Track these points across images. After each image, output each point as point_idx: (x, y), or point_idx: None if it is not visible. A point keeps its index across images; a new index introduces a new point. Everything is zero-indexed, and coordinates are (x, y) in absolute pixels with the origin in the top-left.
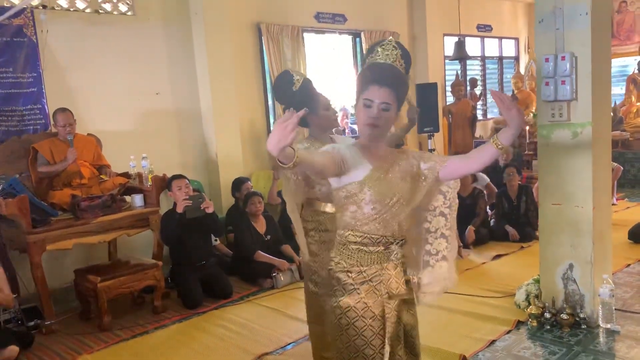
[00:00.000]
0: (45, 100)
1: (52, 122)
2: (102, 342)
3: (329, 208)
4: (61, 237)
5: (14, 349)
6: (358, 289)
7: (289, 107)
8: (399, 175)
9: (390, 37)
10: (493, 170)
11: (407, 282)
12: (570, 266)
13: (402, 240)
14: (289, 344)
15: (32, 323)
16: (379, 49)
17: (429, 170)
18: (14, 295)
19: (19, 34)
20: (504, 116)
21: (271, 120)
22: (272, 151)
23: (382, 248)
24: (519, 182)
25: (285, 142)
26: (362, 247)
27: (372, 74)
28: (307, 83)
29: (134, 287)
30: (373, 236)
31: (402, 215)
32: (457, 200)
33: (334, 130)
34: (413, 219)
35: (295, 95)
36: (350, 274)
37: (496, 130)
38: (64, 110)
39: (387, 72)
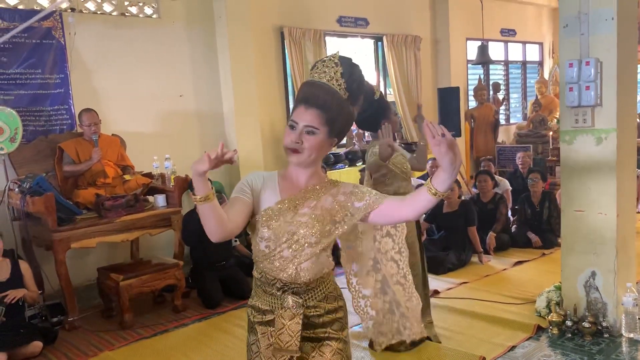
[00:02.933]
0: (71, 101)
1: (77, 122)
2: (123, 340)
3: None
4: (85, 235)
5: (37, 345)
6: (255, 328)
7: (367, 113)
8: (313, 213)
9: (336, 52)
10: (513, 175)
11: (315, 339)
12: (593, 274)
13: (301, 287)
14: None
15: (55, 319)
16: (319, 65)
17: (359, 209)
18: (39, 292)
19: (47, 36)
20: (434, 154)
21: None
22: (194, 171)
23: (276, 291)
24: (543, 188)
25: (204, 166)
26: (261, 286)
27: (302, 93)
28: (381, 93)
29: (155, 286)
30: (268, 276)
31: (304, 258)
32: (406, 246)
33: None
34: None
35: (374, 102)
36: (252, 311)
37: (518, 135)
38: (89, 110)
39: (317, 92)
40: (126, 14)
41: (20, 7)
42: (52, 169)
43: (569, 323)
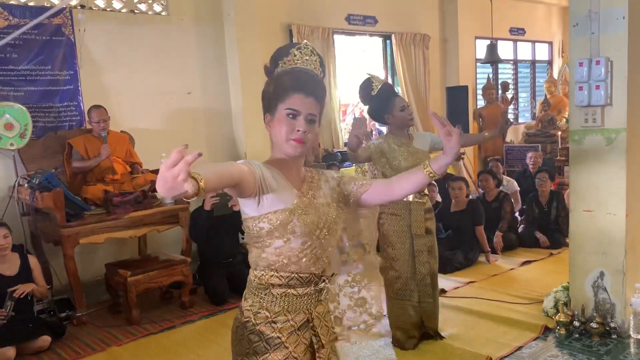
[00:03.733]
0: (80, 98)
1: (87, 118)
2: (131, 335)
3: None
4: (93, 231)
5: (46, 339)
6: (285, 342)
7: (370, 108)
8: (325, 201)
9: (306, 42)
10: (522, 175)
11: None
12: (601, 274)
13: (332, 276)
14: None
15: (64, 314)
16: (296, 52)
17: (350, 194)
18: (48, 287)
19: (57, 33)
20: (442, 142)
21: None
22: (166, 197)
23: (313, 288)
24: (550, 188)
25: (179, 191)
26: (288, 290)
27: (294, 80)
28: (385, 87)
29: (162, 282)
30: (302, 275)
31: (331, 247)
32: (377, 228)
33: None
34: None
35: (373, 98)
36: (275, 325)
37: (527, 135)
38: (98, 107)
39: (312, 80)
40: (135, 11)
41: (31, 3)
42: (61, 165)
43: (576, 323)
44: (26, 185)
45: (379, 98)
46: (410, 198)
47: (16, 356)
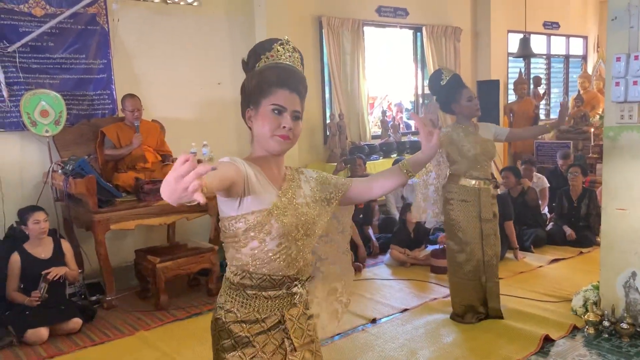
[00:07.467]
0: (113, 86)
1: (119, 107)
2: (159, 320)
3: (466, 182)
4: (124, 217)
5: (77, 321)
6: (253, 341)
7: (439, 98)
8: (304, 201)
9: (286, 37)
10: (553, 173)
11: (310, 317)
12: (633, 274)
13: (307, 279)
14: (338, 334)
15: (94, 298)
16: (279, 48)
17: (332, 194)
18: (79, 271)
19: (92, 22)
20: (422, 142)
21: (327, 112)
22: (170, 201)
23: (285, 291)
24: (583, 185)
25: (187, 200)
26: (260, 293)
27: (279, 76)
28: (454, 78)
29: (190, 269)
30: (274, 277)
31: (309, 248)
32: (350, 224)
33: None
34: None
35: (442, 88)
36: (244, 325)
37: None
38: (132, 96)
39: (296, 77)
40: (168, 1)
41: None
42: (94, 152)
43: (606, 323)
44: (60, 171)
45: (447, 88)
46: (477, 184)
47: (49, 337)
